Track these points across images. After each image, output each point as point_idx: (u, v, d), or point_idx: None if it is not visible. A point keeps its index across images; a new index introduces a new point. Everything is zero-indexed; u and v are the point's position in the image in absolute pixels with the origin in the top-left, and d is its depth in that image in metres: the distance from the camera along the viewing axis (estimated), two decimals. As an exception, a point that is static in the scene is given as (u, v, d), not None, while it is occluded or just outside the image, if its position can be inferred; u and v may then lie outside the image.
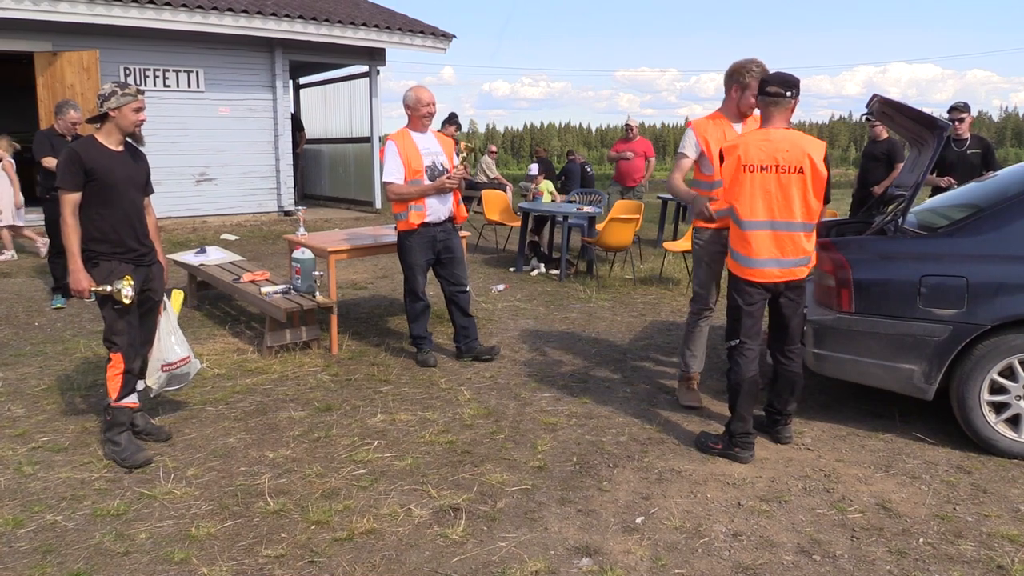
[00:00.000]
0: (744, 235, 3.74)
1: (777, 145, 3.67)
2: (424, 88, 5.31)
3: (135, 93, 3.74)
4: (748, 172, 3.68)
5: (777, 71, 3.83)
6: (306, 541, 3.06)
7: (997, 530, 3.18)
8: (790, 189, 3.67)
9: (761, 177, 3.67)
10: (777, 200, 3.68)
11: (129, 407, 3.81)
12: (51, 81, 10.46)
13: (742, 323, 3.82)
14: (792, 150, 3.66)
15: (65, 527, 3.15)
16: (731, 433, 3.88)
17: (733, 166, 3.72)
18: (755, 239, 3.72)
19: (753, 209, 3.70)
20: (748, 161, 3.68)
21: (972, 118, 7.32)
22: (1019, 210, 3.94)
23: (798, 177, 3.66)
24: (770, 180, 3.66)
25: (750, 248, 3.73)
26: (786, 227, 3.71)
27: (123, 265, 3.74)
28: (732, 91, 4.37)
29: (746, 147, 3.71)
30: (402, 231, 5.26)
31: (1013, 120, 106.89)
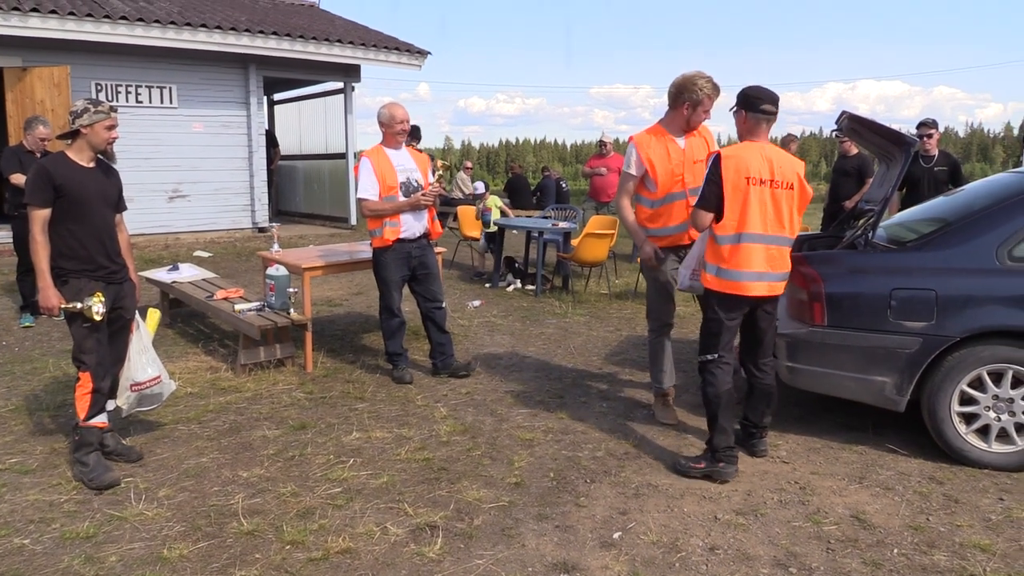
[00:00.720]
0: (737, 248, 3.67)
1: (773, 160, 3.69)
2: (398, 105, 5.31)
3: (108, 111, 3.70)
4: (751, 185, 3.63)
5: (761, 87, 3.79)
6: (280, 562, 3.02)
7: (969, 539, 3.21)
8: (782, 204, 3.68)
9: (760, 191, 3.64)
10: (772, 215, 3.68)
11: (98, 427, 3.75)
12: (20, 97, 10.34)
13: (721, 338, 3.79)
14: (784, 166, 3.70)
15: (33, 551, 3.08)
16: (714, 448, 3.81)
17: (735, 177, 3.63)
18: (749, 253, 3.67)
19: (751, 222, 3.65)
20: (750, 173, 3.63)
21: (939, 134, 7.46)
22: (985, 224, 4.02)
23: (789, 193, 3.70)
24: (767, 194, 3.65)
25: (742, 262, 3.67)
26: (777, 241, 3.71)
27: (93, 283, 3.69)
28: (683, 107, 4.28)
29: (747, 160, 3.66)
30: (377, 247, 5.26)
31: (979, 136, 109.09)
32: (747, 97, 3.75)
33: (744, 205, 3.63)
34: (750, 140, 3.76)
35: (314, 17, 14.66)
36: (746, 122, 3.77)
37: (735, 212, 3.65)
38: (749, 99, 3.74)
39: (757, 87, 3.78)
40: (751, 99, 3.74)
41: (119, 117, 3.83)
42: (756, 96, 3.74)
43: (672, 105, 4.36)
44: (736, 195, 3.63)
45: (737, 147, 3.76)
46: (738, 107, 3.79)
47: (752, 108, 3.73)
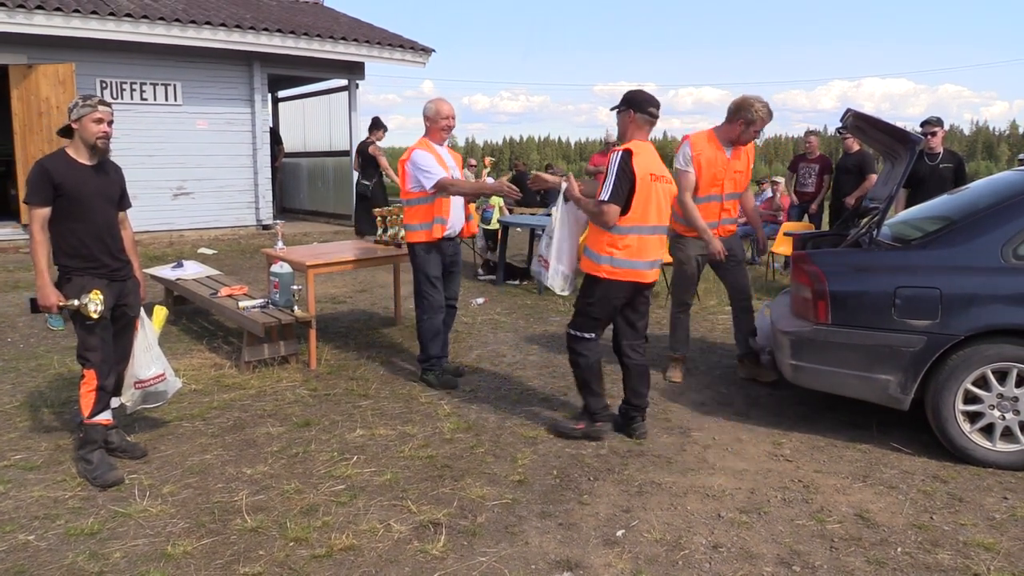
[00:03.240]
0: (638, 239, 3.99)
1: (657, 158, 4.08)
2: (445, 100, 5.12)
3: (96, 104, 3.63)
4: (652, 181, 3.97)
5: (646, 91, 4.14)
6: (284, 558, 3.02)
7: (973, 539, 3.21)
8: (664, 197, 4.08)
9: (655, 186, 3.99)
10: (662, 207, 4.07)
11: (102, 424, 3.76)
12: (26, 94, 10.36)
13: (601, 321, 4.17)
14: (661, 164, 4.12)
15: (37, 547, 3.09)
16: (592, 411, 4.21)
17: (642, 174, 3.93)
18: (647, 243, 4.03)
19: (650, 215, 3.99)
20: (652, 171, 3.98)
21: (944, 132, 7.44)
22: (990, 222, 4.01)
23: (668, 187, 4.14)
24: (658, 189, 4.01)
25: (641, 252, 4.02)
26: (663, 231, 4.16)
27: (96, 280, 3.70)
28: (738, 123, 4.84)
29: (648, 158, 3.99)
30: (421, 243, 5.04)
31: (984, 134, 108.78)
32: (636, 100, 4.07)
33: (647, 200, 3.96)
34: (636, 139, 4.07)
35: (318, 14, 14.66)
36: (634, 122, 4.08)
37: (640, 206, 3.95)
38: (639, 102, 4.07)
39: (643, 91, 4.15)
40: (641, 102, 4.07)
41: (124, 114, 3.83)
42: (645, 100, 4.08)
43: (729, 119, 4.93)
44: (642, 190, 3.94)
45: (638, 145, 4.02)
46: (626, 108, 4.10)
47: (641, 110, 4.06)
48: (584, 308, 4.18)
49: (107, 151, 3.78)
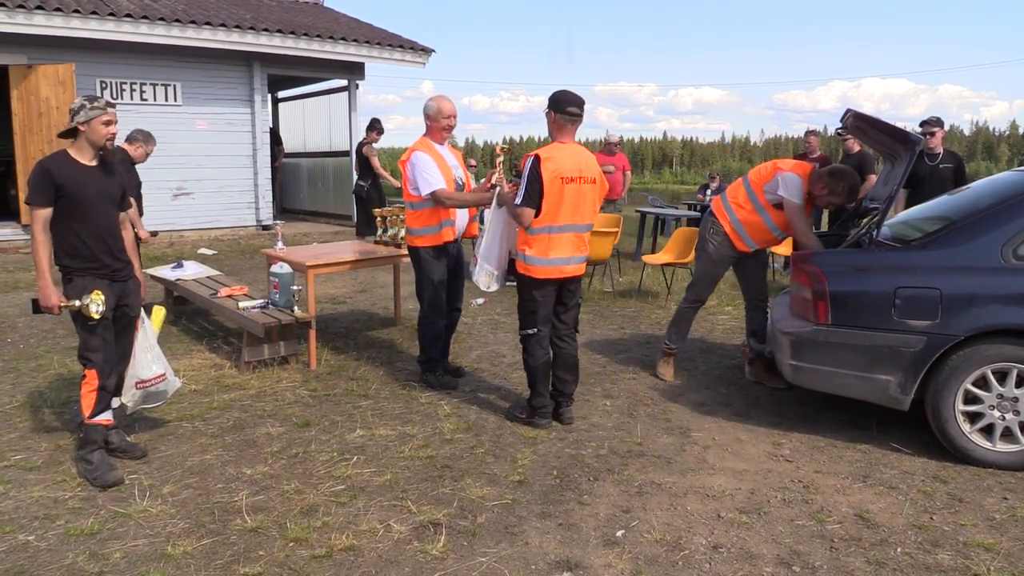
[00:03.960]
0: (551, 238, 4.16)
1: (579, 159, 4.17)
2: (446, 98, 4.98)
3: (104, 106, 3.66)
4: (564, 183, 4.08)
5: (568, 91, 4.20)
6: (284, 559, 3.02)
7: (973, 539, 3.21)
8: (587, 197, 4.20)
9: (570, 187, 4.11)
10: (579, 207, 4.18)
11: (103, 424, 3.75)
12: (26, 94, 10.37)
13: (538, 315, 4.31)
14: (587, 164, 4.21)
15: (37, 547, 3.09)
16: (533, 407, 4.42)
17: (552, 177, 4.05)
18: (561, 241, 4.18)
19: (563, 215, 4.13)
20: (564, 173, 4.08)
21: (944, 132, 7.43)
22: (990, 222, 4.01)
23: (592, 187, 4.23)
24: (575, 190, 4.13)
25: (554, 249, 4.18)
26: (582, 229, 4.25)
27: (97, 281, 3.70)
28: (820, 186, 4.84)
29: (561, 161, 4.10)
30: (427, 246, 4.94)
31: (984, 134, 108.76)
32: (556, 100, 4.16)
33: (559, 201, 4.09)
34: (559, 140, 4.20)
35: (318, 15, 14.67)
36: (555, 123, 4.18)
37: (550, 207, 4.09)
38: (558, 102, 4.15)
39: (565, 91, 4.20)
40: (559, 102, 4.15)
41: (123, 115, 3.83)
42: (563, 99, 4.15)
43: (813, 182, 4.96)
44: (552, 193, 4.07)
45: (551, 148, 4.17)
46: (548, 109, 4.20)
47: (560, 110, 4.14)
48: (520, 305, 4.42)
49: (111, 152, 3.82)
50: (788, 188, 4.82)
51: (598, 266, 9.14)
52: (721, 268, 5.32)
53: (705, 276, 5.35)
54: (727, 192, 5.21)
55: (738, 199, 5.07)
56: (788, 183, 4.83)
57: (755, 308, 5.33)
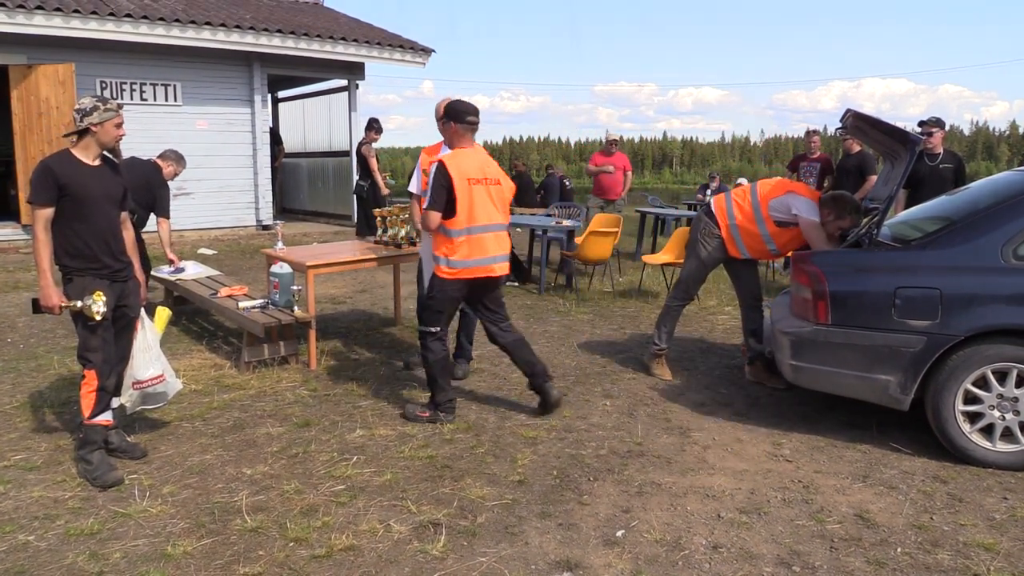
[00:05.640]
0: (470, 239, 4.28)
1: (482, 162, 4.36)
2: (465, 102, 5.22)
3: (116, 108, 3.71)
4: (472, 184, 4.24)
5: (464, 101, 4.44)
6: (284, 559, 3.02)
7: (973, 539, 3.21)
8: (495, 197, 4.36)
9: (479, 188, 4.28)
10: (490, 207, 4.33)
11: (102, 425, 3.75)
12: (25, 94, 10.37)
13: (444, 315, 4.43)
14: (490, 166, 4.39)
15: (37, 547, 3.09)
16: (437, 403, 4.46)
17: (459, 179, 4.20)
18: (480, 241, 4.31)
19: (477, 216, 4.27)
20: (470, 175, 4.25)
21: (944, 133, 7.43)
22: (990, 222, 4.01)
23: (498, 187, 4.40)
24: (483, 191, 4.30)
25: (476, 250, 4.30)
26: (497, 228, 4.39)
27: (97, 281, 3.69)
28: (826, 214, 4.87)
29: (465, 163, 4.26)
30: None
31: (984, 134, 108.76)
32: (455, 111, 4.38)
33: (470, 202, 4.23)
34: (459, 147, 4.38)
35: (318, 15, 14.67)
36: (456, 131, 4.39)
37: (464, 209, 4.22)
38: (457, 112, 4.38)
39: (461, 101, 4.44)
40: (459, 112, 4.37)
41: (124, 115, 3.84)
42: (462, 110, 4.38)
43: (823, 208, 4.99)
44: (463, 194, 4.21)
45: (454, 153, 4.35)
46: (447, 119, 4.41)
47: (459, 120, 4.37)
48: (428, 304, 4.49)
49: (120, 153, 3.84)
50: (802, 208, 4.89)
51: (598, 266, 9.15)
52: (710, 269, 5.43)
53: (693, 275, 5.44)
54: (733, 194, 5.22)
55: (742, 205, 5.10)
56: (802, 204, 4.91)
57: (751, 308, 5.34)
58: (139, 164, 6.16)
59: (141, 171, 6.07)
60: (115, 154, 3.84)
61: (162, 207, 6.29)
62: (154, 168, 6.26)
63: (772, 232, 5.01)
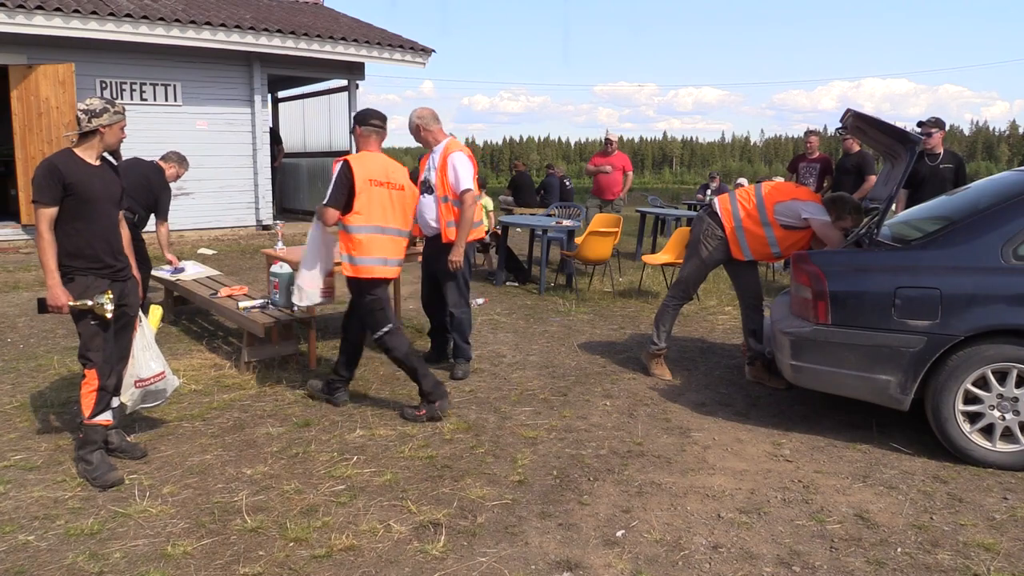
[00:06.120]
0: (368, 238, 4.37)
1: (387, 166, 4.47)
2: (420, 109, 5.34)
3: (123, 111, 3.77)
4: (373, 186, 4.36)
5: (371, 108, 4.63)
6: (284, 559, 3.02)
7: (973, 539, 3.21)
8: (396, 202, 4.47)
9: (380, 191, 4.40)
10: (391, 210, 4.45)
11: (102, 425, 3.75)
12: (25, 95, 10.36)
13: (385, 312, 4.51)
14: (395, 172, 4.51)
15: (37, 547, 3.09)
16: (427, 393, 4.50)
17: (361, 180, 4.32)
18: (377, 242, 4.41)
19: (375, 216, 4.39)
20: (373, 176, 4.37)
21: (944, 133, 7.43)
22: (990, 222, 4.01)
23: (401, 193, 4.50)
24: (386, 194, 4.42)
25: (373, 250, 4.39)
26: (397, 232, 4.51)
27: (99, 280, 3.70)
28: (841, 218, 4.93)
29: (369, 165, 4.39)
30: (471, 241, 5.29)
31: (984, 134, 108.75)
32: (362, 116, 4.57)
33: (369, 202, 4.35)
34: (366, 150, 4.52)
35: (318, 15, 14.66)
36: (362, 135, 4.54)
37: (363, 208, 4.34)
38: (364, 117, 4.56)
39: (368, 109, 4.63)
40: (365, 117, 4.56)
41: None
42: (367, 115, 4.56)
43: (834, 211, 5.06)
44: (363, 194, 4.32)
45: (360, 155, 4.48)
46: (355, 124, 4.58)
47: (364, 123, 4.52)
48: (363, 307, 4.55)
49: (120, 154, 3.87)
50: (813, 211, 4.92)
51: (598, 266, 9.15)
52: (710, 269, 5.44)
53: (693, 275, 5.44)
54: (738, 195, 5.21)
55: (747, 207, 5.10)
56: (811, 207, 4.95)
57: (751, 308, 5.34)
58: (142, 165, 6.16)
59: (143, 172, 6.08)
60: (116, 155, 3.85)
61: (162, 210, 6.29)
62: (156, 170, 6.26)
63: (779, 236, 5.02)
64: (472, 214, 5.11)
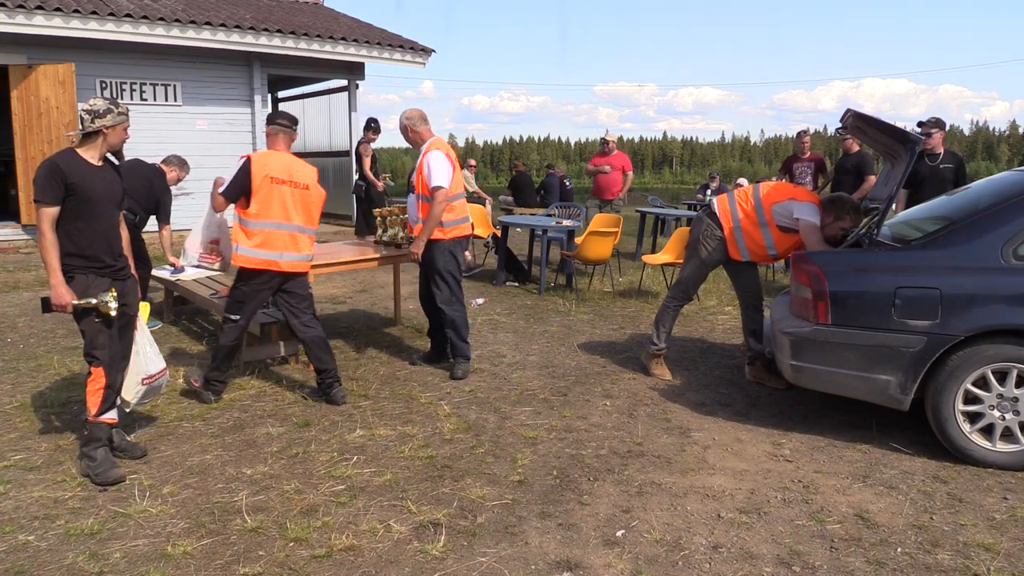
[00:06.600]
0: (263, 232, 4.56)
1: (290, 165, 4.66)
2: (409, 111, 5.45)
3: (127, 112, 3.77)
4: (273, 183, 4.54)
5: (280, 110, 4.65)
6: (284, 559, 3.02)
7: (973, 539, 3.21)
8: (298, 200, 4.67)
9: (279, 188, 4.58)
10: (291, 207, 4.64)
11: (108, 423, 3.76)
12: (25, 94, 10.36)
13: (247, 306, 4.69)
14: (299, 171, 4.70)
15: (37, 547, 3.09)
16: (208, 380, 4.74)
17: (260, 176, 4.52)
18: (273, 236, 4.59)
19: (272, 212, 4.57)
20: (272, 173, 4.56)
21: (944, 133, 7.42)
22: (990, 222, 4.01)
23: (305, 192, 4.70)
24: (287, 191, 4.61)
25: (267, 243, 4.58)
26: (295, 228, 4.67)
27: (99, 279, 3.70)
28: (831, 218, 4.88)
29: (270, 163, 4.59)
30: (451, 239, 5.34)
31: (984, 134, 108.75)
32: (270, 116, 4.80)
33: (267, 199, 4.54)
34: (274, 149, 4.71)
35: (318, 15, 14.66)
36: (270, 134, 4.75)
37: (261, 204, 4.53)
38: (271, 118, 4.79)
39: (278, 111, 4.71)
40: (272, 117, 4.79)
41: None
42: (275, 115, 4.80)
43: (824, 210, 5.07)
44: (262, 190, 4.52)
45: (264, 153, 4.69)
46: (266, 124, 4.82)
47: (271, 123, 4.75)
48: (232, 292, 4.79)
49: (123, 155, 3.87)
50: (804, 211, 4.91)
51: (598, 266, 9.15)
52: (710, 269, 5.45)
53: (693, 275, 5.44)
54: (737, 195, 5.22)
55: (745, 207, 5.10)
56: (804, 207, 4.93)
57: (751, 307, 5.34)
58: (143, 167, 6.17)
59: (145, 175, 6.08)
60: (118, 156, 3.86)
61: (164, 213, 6.31)
62: (158, 173, 6.27)
63: (776, 238, 5.02)
64: (440, 211, 5.16)
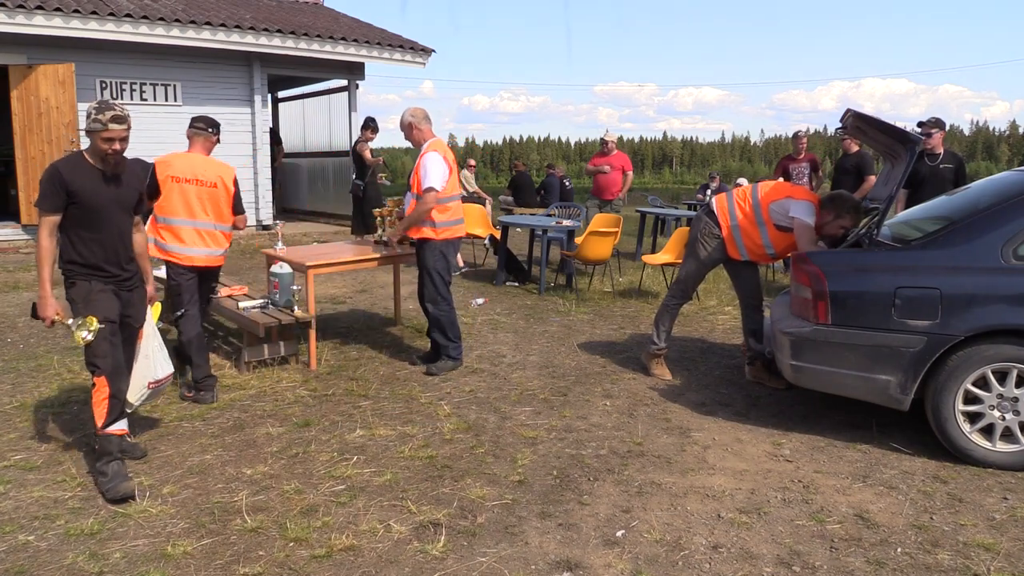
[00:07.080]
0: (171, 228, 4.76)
1: (196, 165, 4.85)
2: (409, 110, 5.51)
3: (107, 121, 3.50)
4: (175, 182, 4.74)
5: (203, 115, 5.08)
6: (284, 559, 3.02)
7: (973, 539, 3.21)
8: (205, 198, 4.82)
9: (182, 187, 4.76)
10: (196, 205, 4.79)
11: (117, 435, 3.63)
12: (25, 94, 10.36)
13: (183, 296, 4.86)
14: (207, 171, 4.87)
15: (37, 547, 3.09)
16: (196, 380, 4.81)
17: (163, 178, 4.72)
18: (181, 231, 4.77)
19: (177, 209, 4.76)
20: (174, 174, 4.76)
21: (944, 133, 7.42)
22: (990, 222, 4.01)
23: (212, 190, 4.85)
24: (191, 190, 4.78)
25: (176, 238, 4.77)
26: (204, 225, 4.83)
27: (102, 285, 3.61)
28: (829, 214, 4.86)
29: (174, 164, 4.81)
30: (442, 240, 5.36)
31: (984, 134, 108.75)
32: (192, 120, 5.01)
33: (169, 197, 4.75)
34: (190, 151, 4.93)
35: (318, 15, 14.66)
36: (188, 136, 4.96)
37: (167, 202, 4.75)
38: (192, 120, 5.00)
39: (199, 115, 5.07)
40: (193, 120, 5.00)
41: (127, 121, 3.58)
42: (195, 119, 5.01)
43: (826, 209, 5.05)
44: (167, 190, 4.73)
45: (171, 155, 4.90)
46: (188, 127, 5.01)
47: (192, 126, 4.97)
48: (168, 290, 4.96)
49: (119, 164, 3.63)
50: (800, 210, 4.90)
51: (598, 266, 9.15)
52: (709, 269, 5.47)
53: (692, 274, 5.45)
54: (735, 194, 5.22)
55: (743, 206, 5.10)
56: (799, 206, 4.92)
57: (751, 308, 5.34)
58: (144, 168, 6.15)
59: (145, 175, 6.06)
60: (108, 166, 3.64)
61: None
62: None
63: (773, 237, 5.02)
64: (425, 211, 5.22)
